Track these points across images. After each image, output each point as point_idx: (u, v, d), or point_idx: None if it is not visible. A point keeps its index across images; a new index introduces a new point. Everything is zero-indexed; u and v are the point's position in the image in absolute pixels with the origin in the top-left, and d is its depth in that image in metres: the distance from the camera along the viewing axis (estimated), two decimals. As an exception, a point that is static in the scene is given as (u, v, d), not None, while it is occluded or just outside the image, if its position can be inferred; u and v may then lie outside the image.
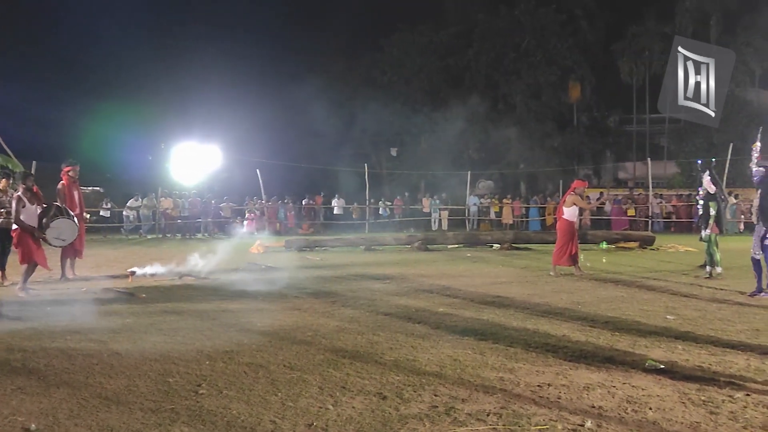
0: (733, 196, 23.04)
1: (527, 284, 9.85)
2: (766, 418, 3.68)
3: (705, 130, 34.65)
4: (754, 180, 8.70)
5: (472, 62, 37.32)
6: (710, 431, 3.49)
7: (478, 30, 37.44)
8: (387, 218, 27.87)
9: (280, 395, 4.19)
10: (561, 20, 36.97)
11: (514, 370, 4.73)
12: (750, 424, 3.57)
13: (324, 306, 7.78)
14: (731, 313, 7.12)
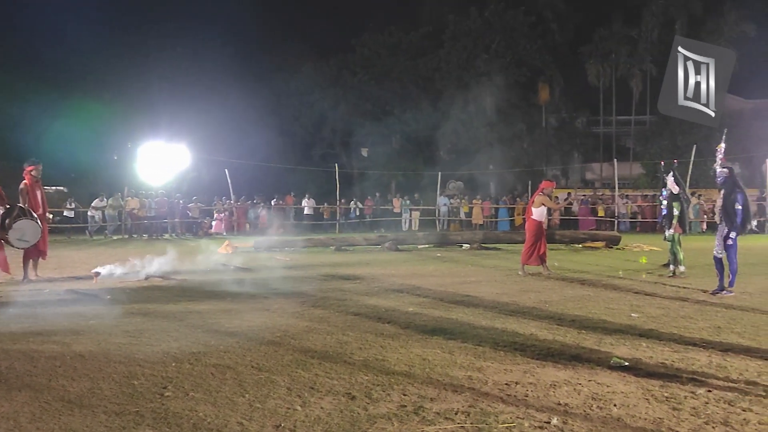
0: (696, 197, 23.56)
1: (496, 284, 9.93)
2: (727, 413, 3.76)
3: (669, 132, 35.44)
4: (717, 181, 8.88)
5: (443, 63, 37.51)
6: (673, 427, 3.56)
7: (448, 31, 37.65)
8: (357, 218, 27.83)
9: (248, 396, 4.15)
10: (530, 22, 37.40)
11: (482, 369, 4.76)
12: (711, 420, 3.65)
13: (293, 306, 7.73)
14: (694, 311, 7.27)
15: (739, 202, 8.31)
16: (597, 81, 41.49)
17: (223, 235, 23.89)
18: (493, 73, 36.84)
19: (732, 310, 7.31)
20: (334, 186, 26.77)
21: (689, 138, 30.87)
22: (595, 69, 40.88)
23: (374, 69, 37.03)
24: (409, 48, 38.01)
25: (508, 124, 36.73)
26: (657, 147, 35.34)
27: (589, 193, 31.00)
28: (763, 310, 7.23)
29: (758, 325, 6.35)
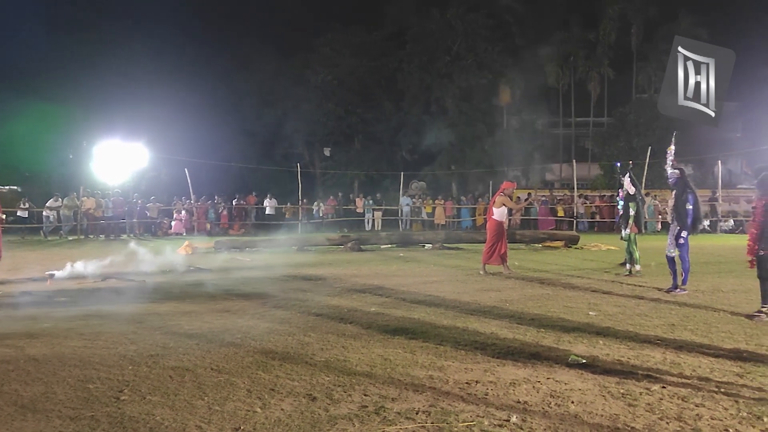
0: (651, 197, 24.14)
1: (457, 283, 10.01)
2: (681, 409, 3.86)
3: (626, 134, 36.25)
4: (669, 182, 9.15)
5: (405, 64, 37.64)
6: (628, 423, 3.63)
7: (410, 32, 37.79)
8: (320, 218, 27.73)
9: (207, 399, 4.10)
10: (491, 25, 37.76)
11: (443, 368, 4.79)
12: (665, 416, 3.74)
13: (254, 307, 7.66)
14: (649, 308, 7.45)
15: (690, 202, 8.56)
16: (556, 83, 42.20)
17: (182, 235, 23.52)
18: (454, 75, 37.13)
19: (685, 307, 7.50)
20: (297, 186, 26.62)
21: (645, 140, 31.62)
22: (555, 71, 41.56)
23: (337, 69, 36.92)
24: (371, 48, 38.02)
25: (470, 125, 37.05)
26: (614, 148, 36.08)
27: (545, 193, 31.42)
28: (715, 308, 7.44)
29: (710, 323, 6.53)
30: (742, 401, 3.97)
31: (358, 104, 37.39)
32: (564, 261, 13.76)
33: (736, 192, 30.54)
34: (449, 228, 26.99)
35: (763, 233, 6.62)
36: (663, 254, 9.10)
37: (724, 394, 4.12)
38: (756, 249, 6.71)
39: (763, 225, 6.61)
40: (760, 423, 3.60)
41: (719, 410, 3.82)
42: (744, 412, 3.78)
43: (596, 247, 17.09)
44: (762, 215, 6.61)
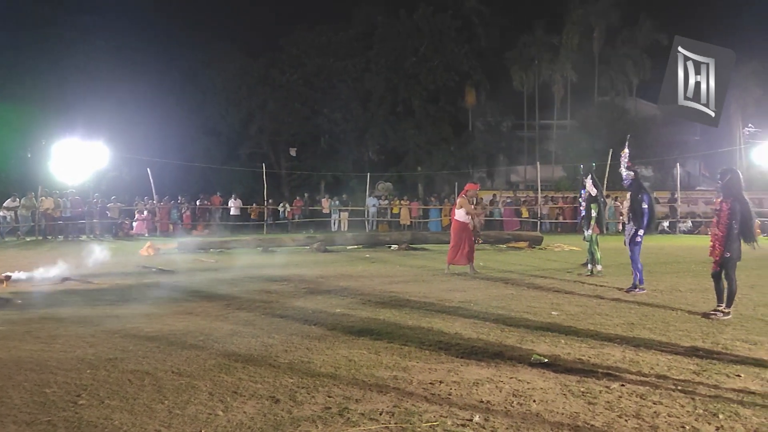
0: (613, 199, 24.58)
1: (423, 283, 10.04)
2: (639, 407, 3.93)
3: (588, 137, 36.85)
4: (624, 184, 9.39)
5: (372, 64, 37.66)
6: (588, 421, 3.69)
7: (378, 33, 37.82)
8: (285, 219, 27.55)
9: (167, 403, 4.03)
10: (457, 26, 38.01)
11: (407, 369, 4.80)
12: (624, 413, 3.81)
13: (217, 309, 7.57)
14: (609, 308, 7.58)
15: (645, 203, 8.78)
16: (521, 86, 42.66)
17: (144, 236, 23.12)
18: (421, 76, 37.29)
19: (644, 306, 7.66)
20: (262, 186, 26.40)
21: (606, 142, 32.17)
22: (519, 74, 42.02)
23: (303, 68, 36.72)
24: (339, 48, 37.91)
25: (436, 126, 37.27)
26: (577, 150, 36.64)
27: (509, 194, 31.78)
28: (673, 307, 7.61)
29: (668, 321, 6.68)
30: (698, 398, 4.07)
31: (324, 104, 37.24)
32: (528, 261, 13.93)
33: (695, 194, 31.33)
34: (415, 229, 27.08)
35: (728, 235, 6.77)
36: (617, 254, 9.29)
37: (681, 392, 4.21)
38: (721, 250, 6.85)
39: (728, 227, 6.76)
40: (715, 420, 3.69)
41: (676, 407, 3.91)
42: (700, 409, 3.87)
43: (559, 248, 17.35)
44: (727, 217, 6.76)
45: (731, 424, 3.62)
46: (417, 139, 36.99)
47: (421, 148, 37.19)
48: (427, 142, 37.03)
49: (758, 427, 3.57)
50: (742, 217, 6.72)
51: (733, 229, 6.72)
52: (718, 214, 6.99)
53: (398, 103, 38.33)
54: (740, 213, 6.71)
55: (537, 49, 41.12)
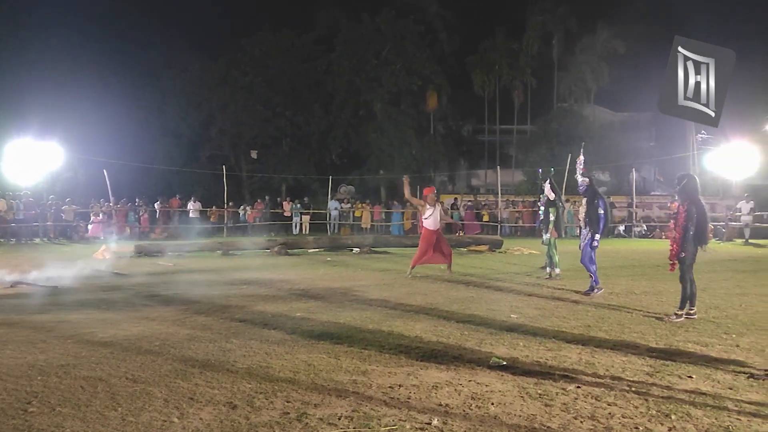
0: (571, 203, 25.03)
1: (384, 287, 10.04)
2: (594, 408, 4.00)
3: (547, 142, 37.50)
4: (579, 190, 9.57)
5: (334, 67, 37.59)
6: (545, 422, 3.73)
7: (340, 36, 37.77)
8: (246, 222, 27.25)
9: (121, 410, 3.93)
10: (419, 31, 38.23)
11: (367, 373, 4.78)
12: (580, 415, 3.87)
13: (174, 314, 7.42)
14: (567, 310, 7.70)
15: (601, 208, 8.97)
16: (482, 91, 43.15)
17: (100, 239, 22.58)
18: (383, 80, 37.38)
19: (601, 309, 7.80)
20: (222, 188, 26.07)
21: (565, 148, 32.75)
22: (480, 79, 42.50)
23: (265, 70, 36.41)
24: (301, 51, 37.73)
25: (398, 130, 37.38)
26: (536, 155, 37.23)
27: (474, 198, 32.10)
28: (629, 309, 7.78)
29: (623, 323, 6.82)
30: (651, 399, 4.15)
31: (286, 107, 36.99)
32: (488, 265, 14.06)
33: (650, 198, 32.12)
34: (377, 232, 27.10)
35: (684, 237, 6.97)
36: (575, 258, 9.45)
37: (635, 393, 4.29)
38: (677, 251, 7.06)
39: (685, 229, 6.96)
40: (668, 421, 3.77)
41: (630, 408, 3.98)
42: (653, 410, 3.95)
43: (519, 251, 17.58)
44: (685, 220, 6.96)
45: (683, 425, 3.70)
46: (379, 142, 37.05)
47: (383, 151, 37.26)
48: (389, 146, 37.12)
49: (709, 428, 3.65)
50: (698, 219, 6.94)
51: (689, 231, 6.93)
52: (675, 217, 7.20)
53: (360, 107, 38.33)
54: (696, 216, 6.93)
55: (498, 54, 41.65)
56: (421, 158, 38.12)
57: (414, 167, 36.39)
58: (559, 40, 43.11)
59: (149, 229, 25.40)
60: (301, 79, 37.32)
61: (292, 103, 37.00)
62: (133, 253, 15.84)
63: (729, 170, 26.09)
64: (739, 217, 23.13)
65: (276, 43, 36.93)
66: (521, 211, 28.59)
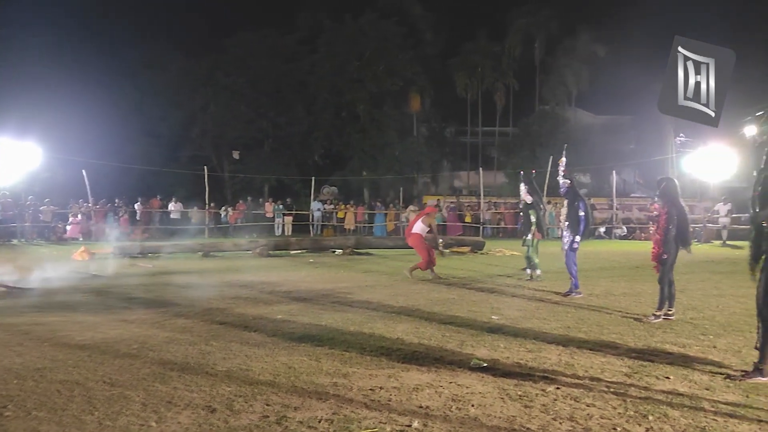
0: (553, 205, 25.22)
1: (366, 289, 10.03)
2: (573, 409, 4.02)
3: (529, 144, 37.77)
4: (561, 192, 9.64)
5: (317, 68, 37.50)
6: (524, 424, 3.74)
7: (323, 36, 37.70)
8: (228, 223, 27.07)
9: (97, 414, 3.89)
10: (402, 33, 38.28)
11: (348, 375, 4.77)
12: (559, 416, 3.89)
13: (154, 316, 7.35)
14: (547, 312, 7.74)
15: (582, 210, 9.02)
16: (465, 93, 43.36)
17: (79, 240, 22.32)
18: (366, 81, 37.36)
19: (581, 310, 7.86)
20: (203, 189, 25.88)
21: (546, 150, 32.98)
22: (463, 81, 42.70)
23: (249, 71, 36.20)
24: (285, 51, 37.59)
25: (381, 131, 37.40)
26: (518, 157, 37.49)
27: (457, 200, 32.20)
28: (608, 310, 7.84)
29: (603, 325, 6.87)
30: (629, 400, 4.19)
31: (270, 107, 36.80)
32: (470, 266, 14.11)
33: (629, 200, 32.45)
34: (360, 233, 27.07)
35: (665, 238, 7.05)
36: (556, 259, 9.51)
37: (613, 394, 4.33)
38: (659, 252, 7.14)
39: (666, 231, 7.04)
40: (645, 421, 3.80)
41: (608, 409, 4.01)
42: (631, 410, 3.99)
43: (501, 253, 17.66)
44: (665, 222, 7.05)
45: (660, 425, 3.73)
46: (362, 143, 37.03)
47: (365, 152, 37.24)
48: (371, 147, 37.11)
49: (686, 428, 3.69)
50: (678, 221, 7.03)
51: (670, 232, 7.01)
52: (657, 219, 7.29)
53: (343, 108, 38.27)
54: (677, 218, 7.01)
55: (480, 56, 41.88)
56: (403, 159, 38.15)
57: (397, 168, 36.44)
58: (541, 43, 43.47)
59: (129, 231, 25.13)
60: (285, 79, 37.16)
61: (275, 103, 36.82)
62: (112, 255, 15.67)
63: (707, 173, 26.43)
64: (717, 219, 23.44)
65: (259, 44, 36.75)
66: (503, 213, 28.73)
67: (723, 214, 23.08)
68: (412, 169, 38.36)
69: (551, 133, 36.82)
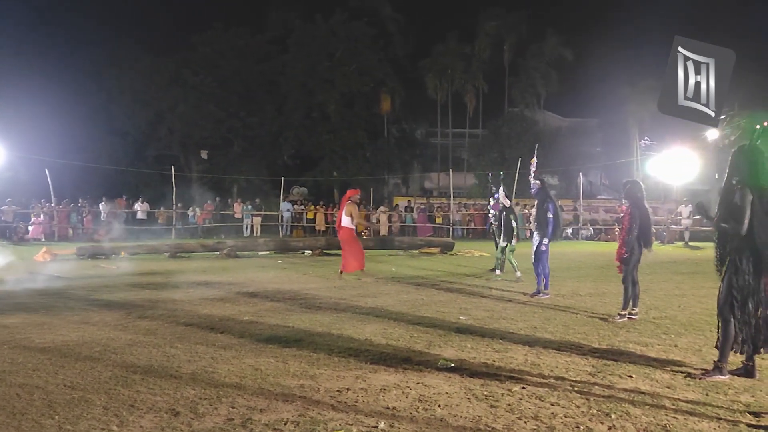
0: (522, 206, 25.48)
1: (335, 290, 9.99)
2: (538, 408, 4.06)
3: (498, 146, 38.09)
4: (531, 192, 9.73)
5: (288, 68, 37.28)
6: (490, 423, 3.77)
7: (294, 36, 37.50)
8: (195, 224, 26.73)
9: (58, 418, 3.80)
10: (373, 34, 38.30)
11: (315, 377, 4.74)
12: (524, 415, 3.92)
13: (117, 318, 7.21)
14: (515, 312, 7.81)
15: (550, 211, 9.12)
16: (435, 94, 43.56)
17: (41, 241, 21.82)
18: (336, 81, 37.28)
19: (547, 310, 7.95)
20: (171, 189, 25.51)
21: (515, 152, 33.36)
22: (433, 83, 42.89)
23: (218, 70, 35.81)
24: (255, 51, 37.28)
25: (351, 132, 37.36)
26: (488, 159, 37.79)
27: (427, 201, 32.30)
28: (574, 310, 7.94)
29: (568, 325, 6.96)
30: (593, 399, 4.24)
31: (240, 107, 36.44)
32: (439, 267, 14.16)
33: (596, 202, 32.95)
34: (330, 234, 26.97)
35: (629, 239, 7.20)
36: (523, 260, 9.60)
37: (577, 393, 4.38)
38: (622, 252, 7.27)
39: (629, 231, 7.18)
40: (608, 419, 3.86)
41: (572, 408, 4.06)
42: (594, 409, 4.04)
43: (470, 254, 17.77)
44: (629, 222, 7.19)
45: (622, 423, 3.79)
46: (332, 144, 36.93)
47: (336, 153, 37.15)
48: (342, 147, 37.04)
49: (647, 426, 3.75)
50: (641, 222, 7.17)
51: (633, 233, 7.15)
52: (621, 220, 7.43)
53: (313, 108, 38.12)
54: (639, 218, 7.16)
55: (450, 58, 42.10)
56: (374, 160, 38.18)
57: (367, 169, 36.44)
58: (511, 46, 43.88)
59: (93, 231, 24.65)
60: (255, 79, 36.87)
61: (245, 103, 36.49)
62: (75, 256, 15.36)
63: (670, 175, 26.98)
64: (680, 221, 23.94)
65: (229, 43, 36.40)
66: (473, 214, 28.92)
67: (685, 216, 23.58)
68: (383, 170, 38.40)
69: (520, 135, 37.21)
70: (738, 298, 4.67)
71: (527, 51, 43.20)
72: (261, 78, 37.10)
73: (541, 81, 42.86)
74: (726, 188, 4.78)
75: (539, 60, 42.52)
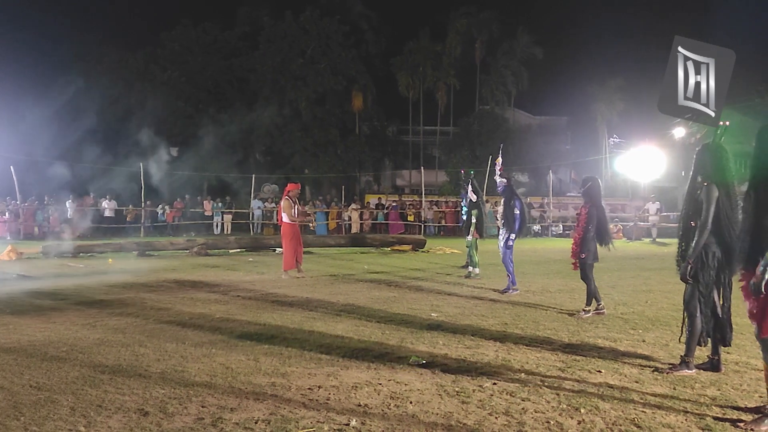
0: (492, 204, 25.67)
1: (306, 287, 9.96)
2: (509, 404, 4.09)
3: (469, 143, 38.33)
4: (498, 190, 9.84)
5: (258, 65, 36.97)
6: (461, 419, 3.79)
7: (264, 33, 37.20)
8: (165, 222, 26.37)
9: (23, 419, 3.72)
10: (344, 31, 38.19)
11: (286, 375, 4.72)
12: (495, 411, 3.95)
13: (84, 318, 7.08)
14: (486, 309, 7.87)
15: (517, 208, 9.23)
16: (407, 92, 43.65)
17: (6, 239, 21.33)
18: (308, 79, 37.10)
19: (518, 307, 8.03)
20: (139, 186, 25.12)
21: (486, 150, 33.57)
22: (405, 80, 42.97)
23: (186, 66, 35.35)
24: (224, 47, 36.88)
25: (323, 129, 37.23)
26: (459, 157, 38.00)
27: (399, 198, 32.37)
28: (544, 306, 8.04)
29: (538, 321, 7.03)
30: (563, 394, 4.29)
31: (209, 103, 36.03)
32: (411, 264, 14.20)
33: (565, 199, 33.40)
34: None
35: (584, 238, 7.27)
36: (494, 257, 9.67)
37: (548, 388, 4.43)
38: (577, 252, 7.36)
39: (585, 230, 7.26)
40: (577, 414, 3.91)
41: (543, 403, 4.10)
42: (564, 404, 4.09)
43: (441, 251, 17.86)
44: (585, 221, 7.26)
45: (592, 418, 3.85)
46: (304, 141, 36.76)
47: (307, 150, 36.99)
48: (313, 145, 36.89)
49: (616, 420, 3.81)
50: (598, 221, 7.28)
51: (589, 232, 7.25)
52: (578, 218, 7.52)
53: (285, 105, 37.89)
54: (596, 218, 7.25)
55: (422, 56, 42.22)
56: (346, 158, 38.11)
57: (339, 167, 36.35)
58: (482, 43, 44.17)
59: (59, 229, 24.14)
60: (224, 75, 36.48)
61: (214, 100, 36.10)
62: (40, 255, 15.05)
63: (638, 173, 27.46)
64: (647, 218, 24.38)
65: (197, 39, 35.96)
66: (445, 212, 29.06)
67: (653, 212, 24.02)
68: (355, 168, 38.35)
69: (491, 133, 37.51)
70: (704, 293, 4.77)
71: (498, 49, 43.54)
72: (230, 74, 36.73)
73: (511, 79, 43.25)
74: (692, 186, 4.87)
75: (510, 58, 42.89)
